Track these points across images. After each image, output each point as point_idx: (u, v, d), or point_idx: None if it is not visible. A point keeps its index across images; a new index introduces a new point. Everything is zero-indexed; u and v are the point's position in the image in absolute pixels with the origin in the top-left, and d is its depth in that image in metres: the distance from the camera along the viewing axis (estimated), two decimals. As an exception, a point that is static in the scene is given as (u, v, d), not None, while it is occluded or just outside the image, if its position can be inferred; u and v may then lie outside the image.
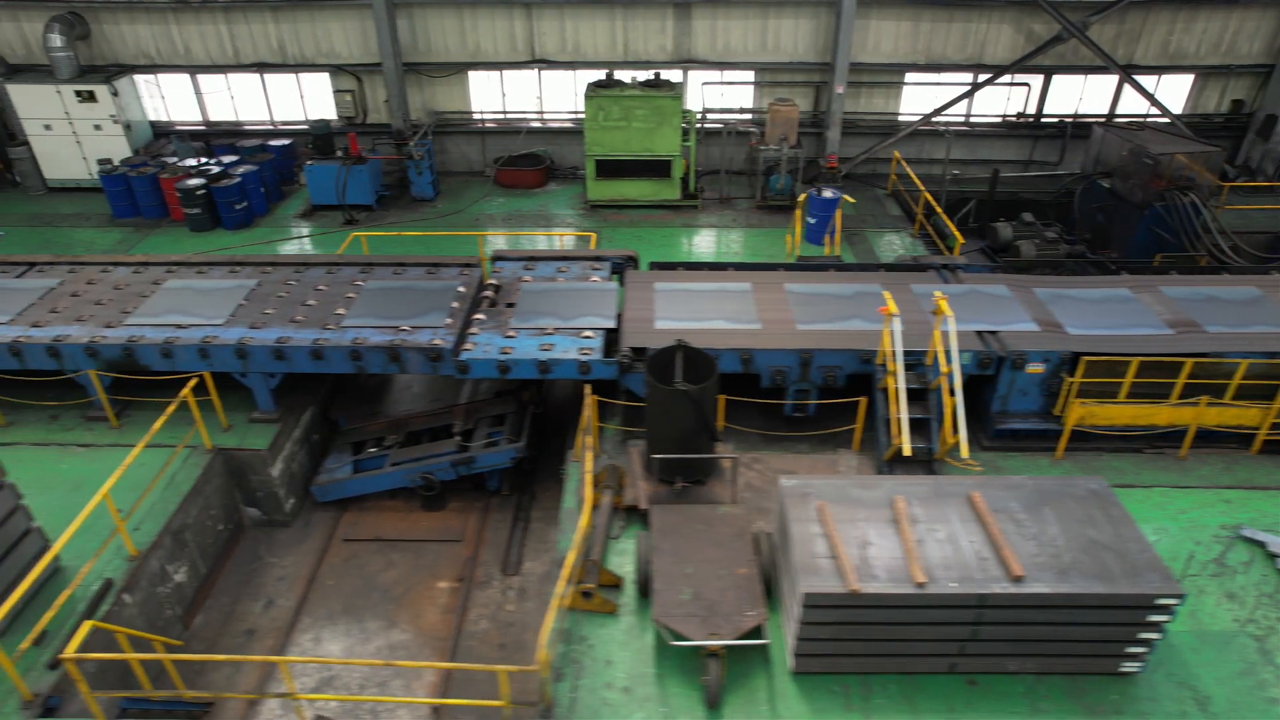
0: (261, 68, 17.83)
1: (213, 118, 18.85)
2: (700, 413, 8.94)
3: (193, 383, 10.02)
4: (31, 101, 16.97)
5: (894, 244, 15.48)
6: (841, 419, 10.59)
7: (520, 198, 17.49)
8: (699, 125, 16.70)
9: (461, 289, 11.62)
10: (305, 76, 18.09)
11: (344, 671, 9.28)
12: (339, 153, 16.50)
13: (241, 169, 16.34)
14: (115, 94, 16.94)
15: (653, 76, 16.04)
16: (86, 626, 7.06)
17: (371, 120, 18.40)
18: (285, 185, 17.97)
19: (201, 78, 18.18)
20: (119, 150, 17.37)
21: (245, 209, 16.18)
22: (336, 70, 17.75)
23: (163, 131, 18.52)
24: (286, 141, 18.02)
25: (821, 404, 10.57)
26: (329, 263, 12.37)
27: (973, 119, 18.30)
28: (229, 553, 10.77)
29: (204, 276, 12.16)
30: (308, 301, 11.32)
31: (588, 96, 15.66)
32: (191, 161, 16.81)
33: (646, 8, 16.76)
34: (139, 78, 17.89)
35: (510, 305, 11.26)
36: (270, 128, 18.70)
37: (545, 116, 18.28)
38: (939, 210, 14.62)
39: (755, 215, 16.58)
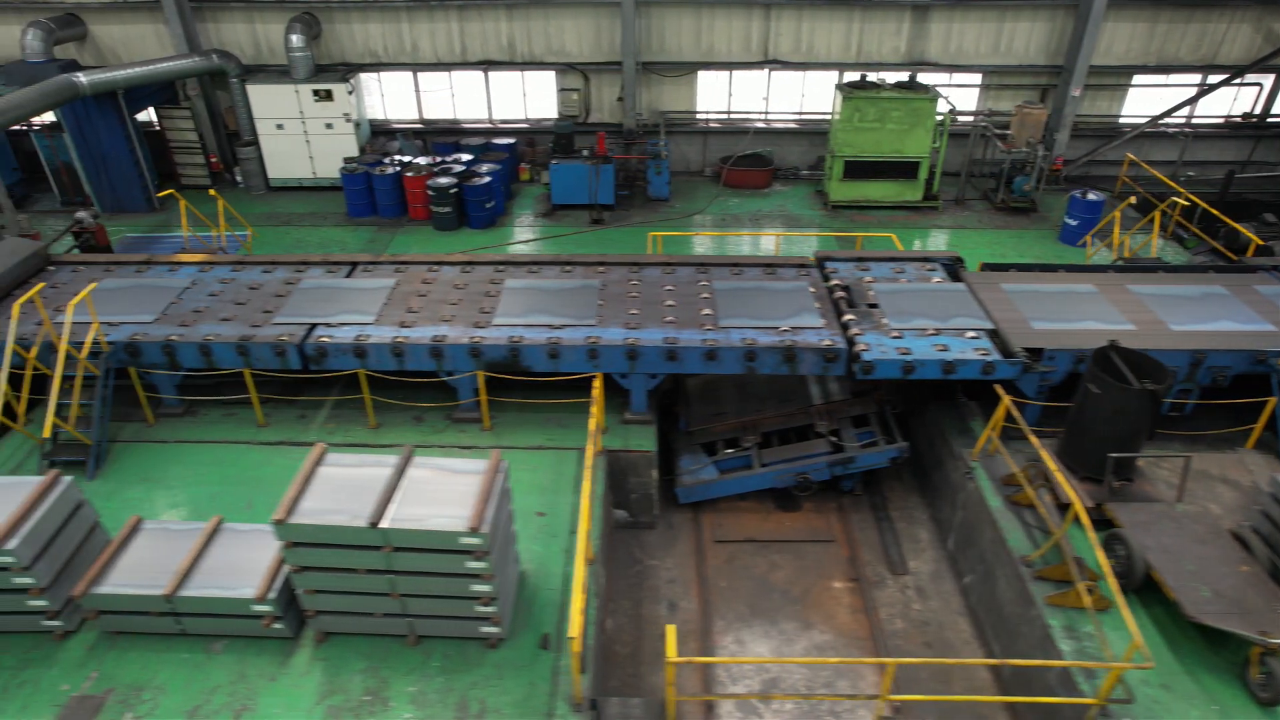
0: (488, 65, 17.73)
1: (427, 115, 18.74)
2: (1156, 411, 9.00)
3: (598, 383, 10.00)
4: (269, 101, 16.86)
5: (1150, 246, 15.57)
6: (1213, 418, 10.73)
7: (752, 198, 17.49)
8: (952, 127, 16.70)
9: (811, 289, 11.62)
10: (530, 74, 18.01)
11: (782, 674, 9.26)
12: (584, 151, 16.44)
13: (485, 167, 16.25)
14: (352, 92, 16.82)
15: (906, 78, 16.09)
16: (671, 630, 7.02)
17: (593, 120, 18.34)
18: (512, 184, 17.89)
19: (422, 75, 18.08)
20: (347, 149, 17.27)
21: (492, 208, 16.10)
22: (565, 69, 17.68)
23: (378, 130, 18.40)
24: (510, 140, 17.94)
25: (1195, 404, 10.69)
26: (662, 262, 12.33)
27: (1194, 120, 18.39)
28: (609, 556, 10.72)
29: (537, 276, 12.10)
30: (666, 302, 11.28)
31: (845, 98, 15.67)
32: (423, 160, 16.71)
33: (885, 9, 16.80)
34: (362, 76, 17.77)
35: (872, 306, 11.26)
36: (488, 126, 18.59)
37: (769, 117, 18.29)
38: (1225, 218, 14.67)
39: (997, 217, 16.63)
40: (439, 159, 16.75)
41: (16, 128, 18.80)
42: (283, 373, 11.15)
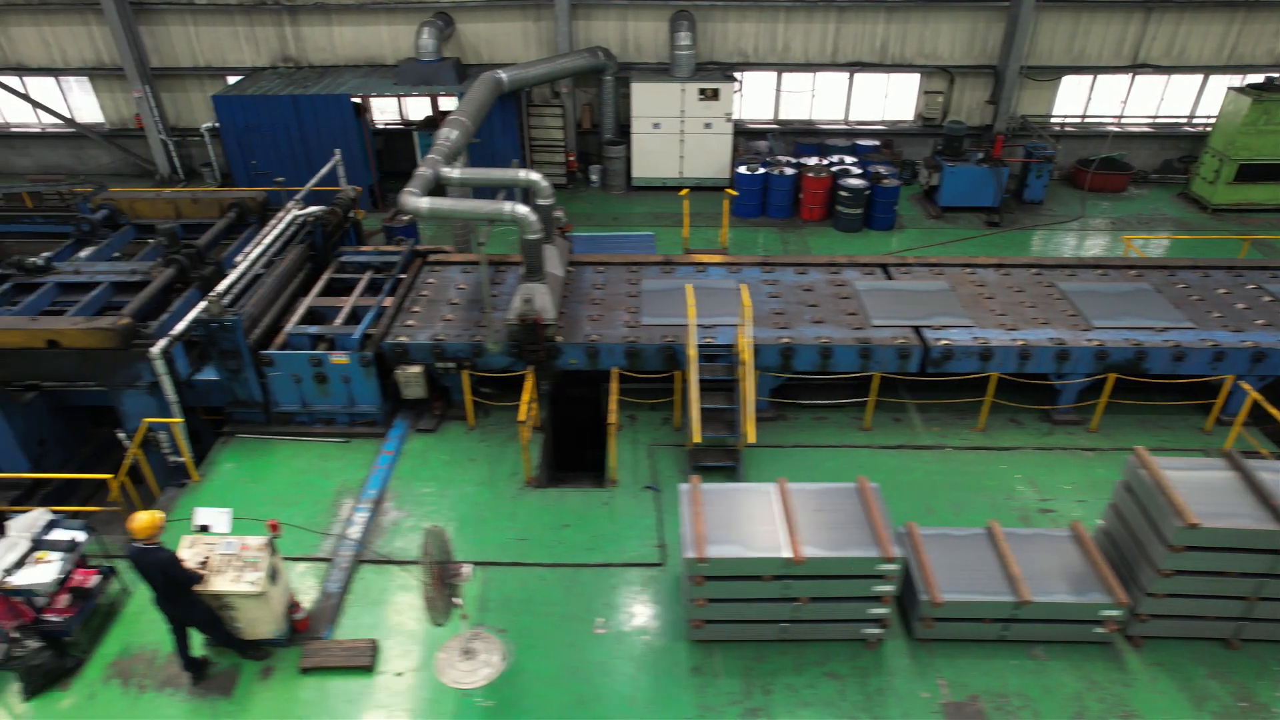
0: (856, 67, 17.66)
1: (782, 116, 18.69)
2: None
3: (1239, 389, 10.03)
4: (650, 99, 16.65)
5: None
6: None
7: (1119, 201, 17.58)
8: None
9: (1336, 293, 11.75)
10: (893, 76, 17.97)
11: None
12: (979, 155, 16.43)
13: (884, 169, 16.19)
14: (738, 91, 16.66)
15: (1299, 80, 16.27)
16: None
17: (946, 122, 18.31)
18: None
19: (785, 76, 17.99)
20: (719, 148, 17.12)
21: (895, 210, 16.04)
22: (932, 71, 17.65)
23: (737, 130, 18.20)
24: (874, 142, 17.88)
25: None
26: (1191, 265, 12.43)
27: None
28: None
29: (1076, 278, 12.09)
30: (1238, 304, 11.35)
31: (1253, 100, 15.79)
32: (816, 161, 16.64)
33: (1272, 9, 16.88)
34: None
35: None
36: (845, 127, 18.51)
37: (1124, 121, 18.39)
38: None
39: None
40: (824, 160, 16.67)
41: (389, 127, 18.71)
42: (907, 375, 10.89)
